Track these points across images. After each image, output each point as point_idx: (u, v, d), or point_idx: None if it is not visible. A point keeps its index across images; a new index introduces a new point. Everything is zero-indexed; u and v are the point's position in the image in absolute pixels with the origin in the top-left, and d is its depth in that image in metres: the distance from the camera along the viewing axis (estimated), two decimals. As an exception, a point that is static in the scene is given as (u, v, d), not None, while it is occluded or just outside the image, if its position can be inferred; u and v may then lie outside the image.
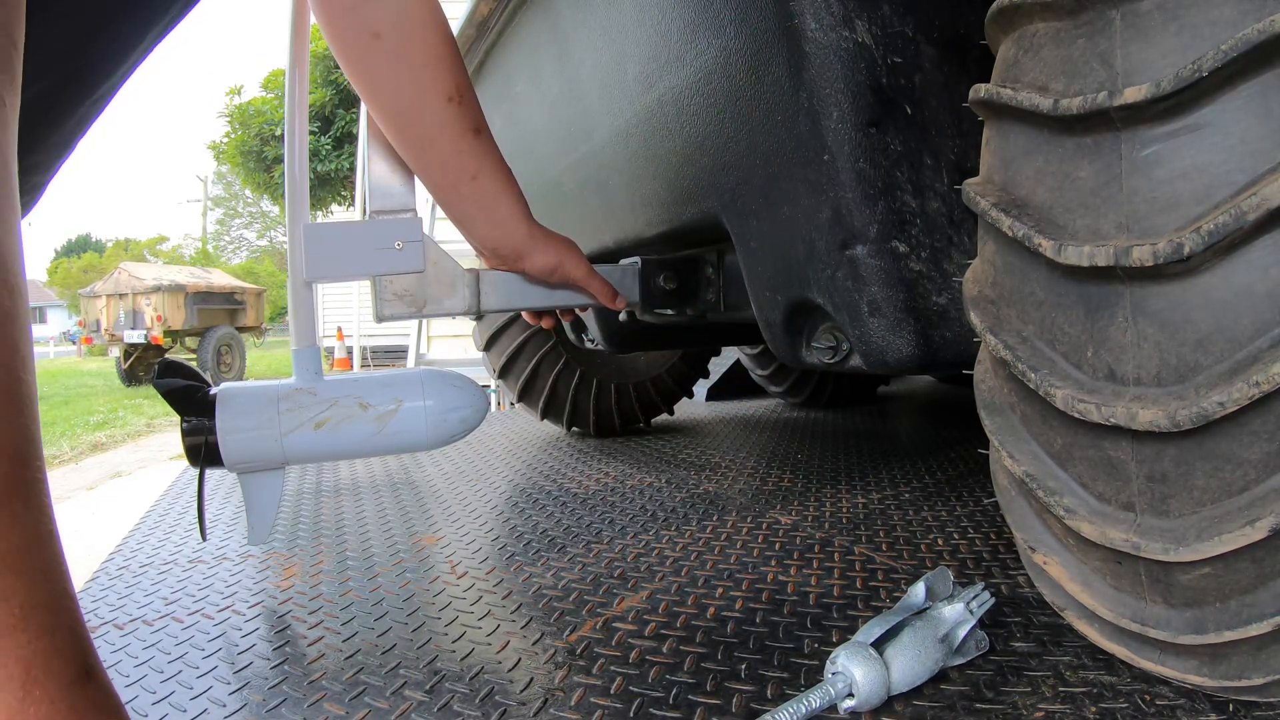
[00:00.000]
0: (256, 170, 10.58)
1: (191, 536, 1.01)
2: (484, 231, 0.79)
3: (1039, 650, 0.61)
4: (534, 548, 0.93)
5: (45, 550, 0.34)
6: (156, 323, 8.43)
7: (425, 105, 0.71)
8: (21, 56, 0.36)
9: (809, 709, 0.50)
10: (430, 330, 5.32)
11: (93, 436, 5.58)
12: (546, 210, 1.27)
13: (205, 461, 0.73)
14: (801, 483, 1.22)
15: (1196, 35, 0.39)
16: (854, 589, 0.76)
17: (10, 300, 0.33)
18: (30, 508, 0.33)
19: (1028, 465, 0.51)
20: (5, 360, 0.33)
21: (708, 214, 0.86)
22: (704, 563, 0.85)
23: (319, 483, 1.32)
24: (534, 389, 1.66)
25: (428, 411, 0.80)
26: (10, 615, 0.32)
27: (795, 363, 0.82)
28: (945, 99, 0.65)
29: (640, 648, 0.64)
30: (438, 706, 0.56)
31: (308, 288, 0.79)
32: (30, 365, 0.35)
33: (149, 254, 27.52)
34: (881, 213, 0.64)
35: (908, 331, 0.67)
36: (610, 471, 1.35)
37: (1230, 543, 0.41)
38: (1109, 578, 0.51)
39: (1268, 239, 0.39)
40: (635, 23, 0.84)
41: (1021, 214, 0.47)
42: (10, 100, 0.35)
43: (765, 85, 0.69)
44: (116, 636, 0.71)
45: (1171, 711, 0.51)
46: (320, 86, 9.26)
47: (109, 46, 0.55)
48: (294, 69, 0.80)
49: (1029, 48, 0.47)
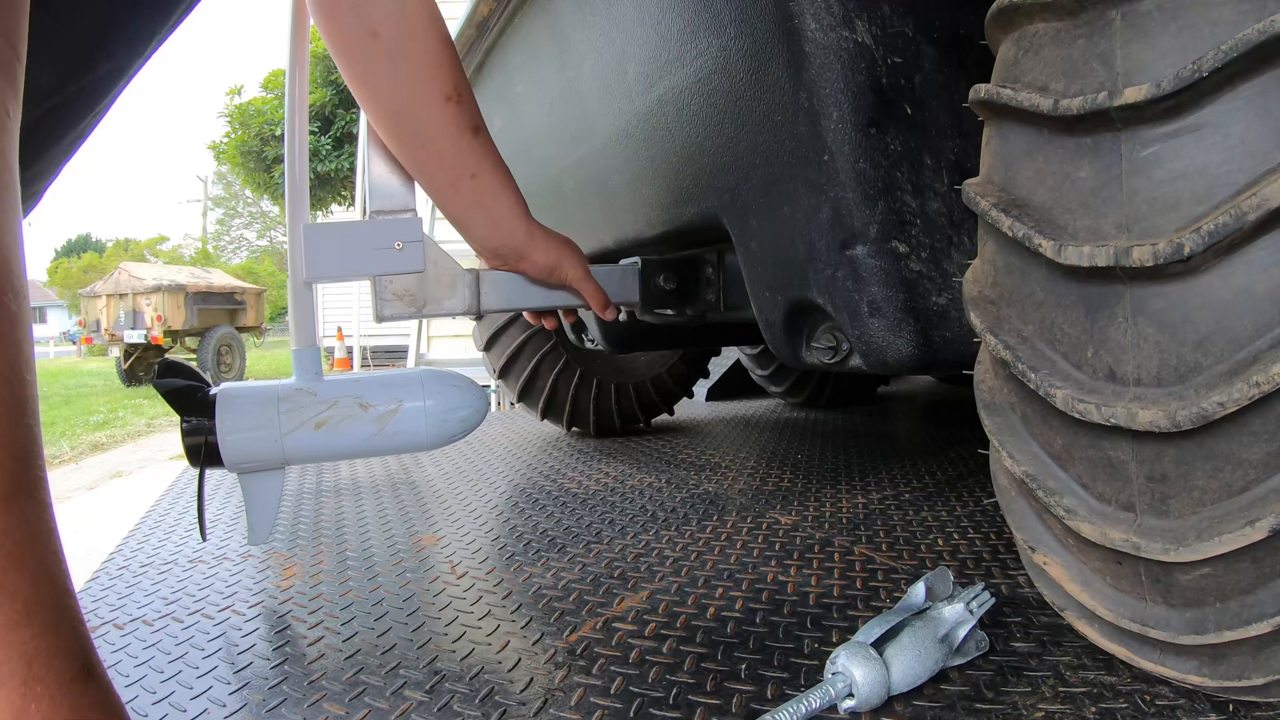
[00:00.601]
0: (256, 170, 10.58)
1: (191, 536, 1.01)
2: (483, 231, 0.79)
3: (1039, 650, 0.61)
4: (534, 548, 0.93)
5: (47, 548, 0.34)
6: (156, 323, 8.43)
7: (423, 104, 0.71)
8: (24, 66, 0.37)
9: (809, 709, 0.50)
10: (430, 330, 5.32)
11: (93, 436, 5.58)
12: (546, 210, 1.27)
13: (205, 462, 0.73)
14: (801, 483, 1.22)
15: (1196, 35, 0.39)
16: (854, 589, 0.76)
17: (13, 302, 0.34)
18: (33, 506, 0.34)
19: (1028, 465, 0.51)
20: (9, 361, 0.33)
21: (708, 214, 0.86)
22: (704, 563, 0.85)
23: (319, 483, 1.32)
24: (534, 389, 1.66)
25: (428, 412, 0.80)
26: (14, 611, 0.32)
27: (795, 363, 0.82)
28: (945, 99, 0.65)
29: (640, 648, 0.64)
30: (438, 706, 0.56)
31: (308, 288, 0.79)
32: (32, 366, 0.35)
33: (149, 254, 27.51)
34: (881, 213, 0.64)
35: (908, 332, 0.67)
36: (610, 471, 1.35)
37: (1230, 543, 0.41)
38: (1109, 578, 0.51)
39: (1268, 239, 0.39)
40: (635, 23, 0.84)
41: (1021, 214, 0.47)
42: (13, 109, 0.36)
43: (765, 85, 0.69)
44: (116, 636, 0.71)
45: (1171, 711, 0.51)
46: (320, 86, 9.26)
47: (109, 56, 0.55)
48: (294, 69, 0.80)
49: (1029, 48, 0.47)
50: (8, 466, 0.33)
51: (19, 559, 0.32)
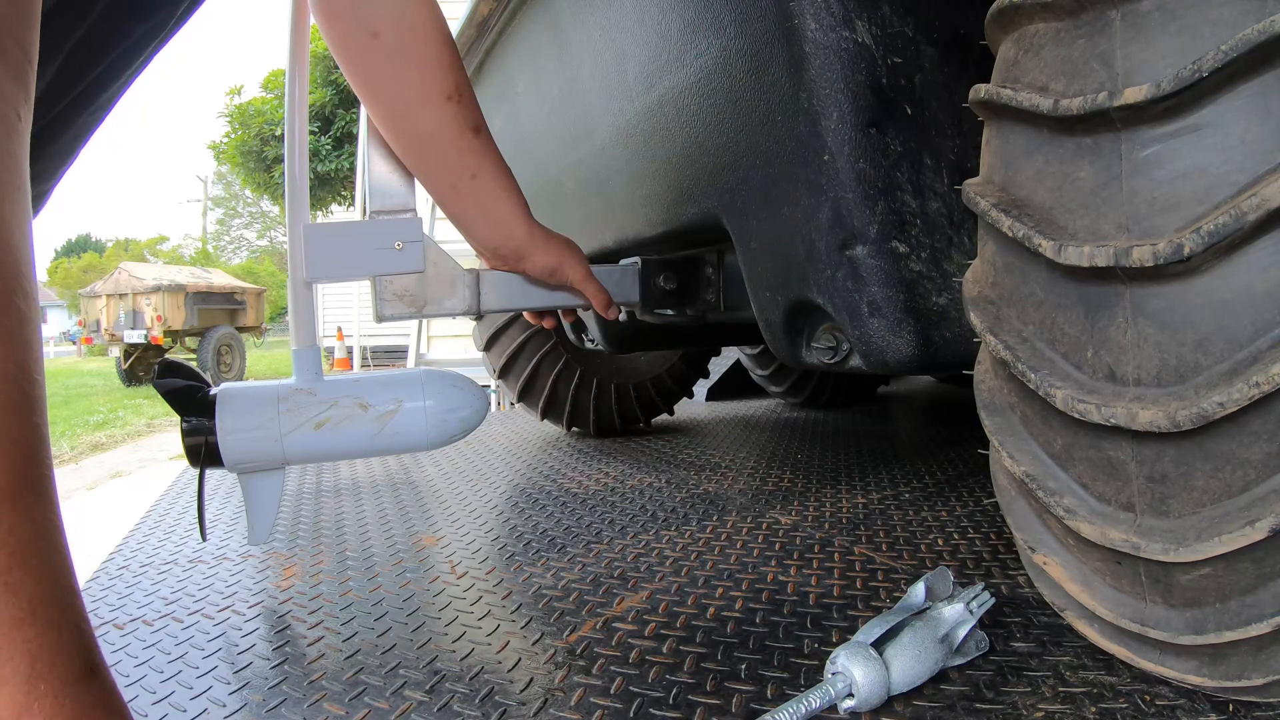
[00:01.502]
0: (256, 170, 10.59)
1: (191, 536, 1.01)
2: (483, 231, 0.79)
3: (1039, 650, 0.61)
4: (534, 548, 0.93)
5: (53, 547, 0.34)
6: (156, 323, 8.43)
7: (424, 104, 0.71)
8: (36, 72, 0.37)
9: (809, 709, 0.50)
10: (430, 330, 5.32)
11: (93, 436, 5.58)
12: (547, 210, 1.27)
13: (205, 462, 0.73)
14: (801, 483, 1.22)
15: (1196, 35, 0.39)
16: (854, 589, 0.76)
17: (24, 304, 0.34)
18: (40, 504, 0.34)
19: (1028, 465, 0.51)
20: (18, 360, 0.33)
21: (708, 214, 0.86)
22: (704, 563, 0.85)
23: (319, 483, 1.32)
24: (534, 389, 1.66)
25: (428, 412, 0.80)
26: (19, 609, 0.32)
27: (795, 363, 0.82)
28: (945, 99, 0.65)
29: (640, 648, 0.64)
30: (438, 706, 0.56)
31: (308, 288, 0.79)
32: (41, 365, 0.36)
33: (149, 254, 27.52)
34: (881, 213, 0.64)
35: (908, 332, 0.67)
36: (610, 471, 1.35)
37: (1230, 543, 0.41)
38: (1109, 578, 0.51)
39: (1268, 239, 0.39)
40: (635, 23, 0.84)
41: (1021, 214, 0.47)
42: (24, 113, 0.36)
43: (765, 85, 0.69)
44: (116, 636, 0.71)
45: (1171, 711, 0.51)
46: (320, 86, 9.26)
47: (109, 58, 0.55)
48: (294, 69, 0.80)
49: (1029, 48, 0.47)
50: (15, 465, 0.33)
51: (24, 557, 0.33)
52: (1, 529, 0.32)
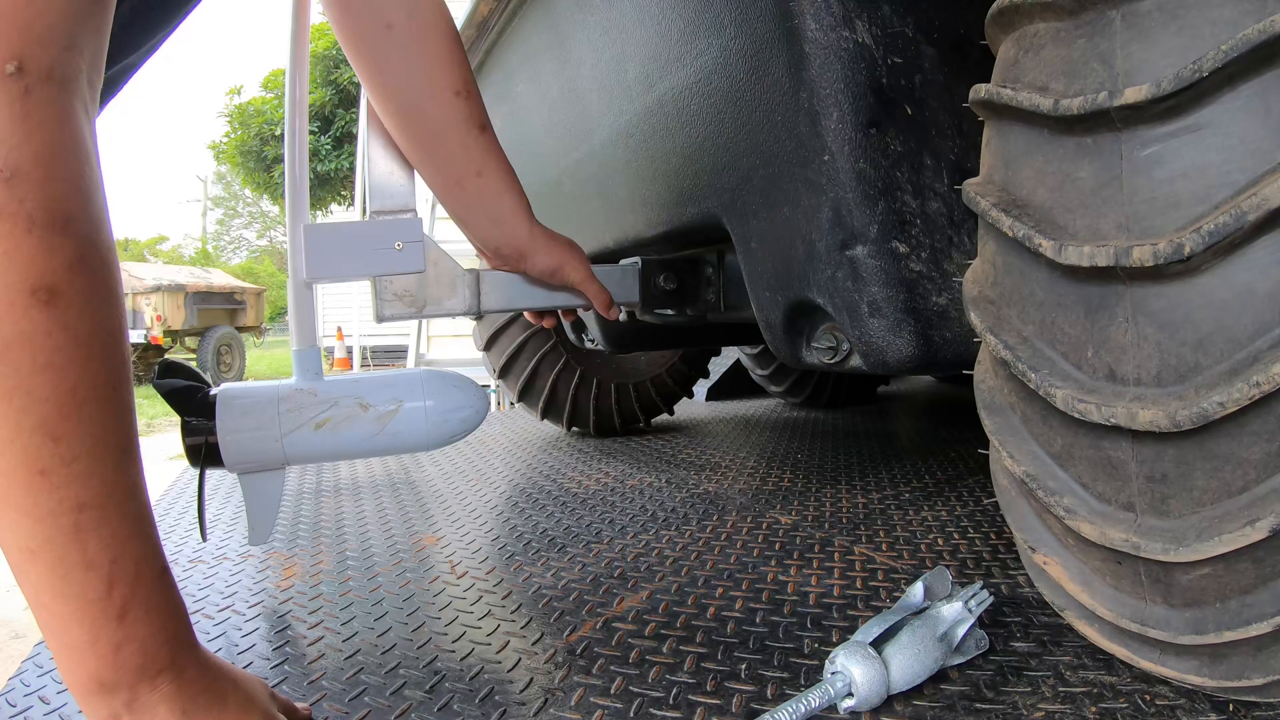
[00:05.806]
0: (256, 170, 10.58)
1: (191, 536, 1.01)
2: (486, 230, 0.79)
3: (1039, 650, 0.61)
4: (534, 548, 0.93)
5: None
6: (156, 323, 8.42)
7: (433, 98, 0.71)
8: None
9: (809, 709, 0.50)
10: (430, 330, 5.32)
11: (93, 436, 5.56)
12: (547, 210, 1.27)
13: (205, 462, 0.73)
14: (801, 483, 1.22)
15: (1196, 35, 0.39)
16: (854, 589, 0.76)
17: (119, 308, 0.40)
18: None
19: (1028, 465, 0.51)
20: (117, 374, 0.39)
21: (708, 214, 0.86)
22: (704, 563, 0.85)
23: (319, 483, 1.32)
24: (534, 389, 1.66)
25: (428, 412, 0.80)
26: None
27: (795, 363, 0.82)
28: (945, 99, 0.65)
29: (640, 648, 0.64)
30: (438, 706, 0.56)
31: (308, 288, 0.79)
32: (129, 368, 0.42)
33: (149, 254, 27.48)
34: (881, 213, 0.64)
35: (908, 332, 0.67)
36: (610, 471, 1.35)
37: (1230, 543, 0.41)
38: (1109, 578, 0.51)
39: (1268, 239, 0.39)
40: (635, 23, 0.84)
41: (1022, 214, 0.47)
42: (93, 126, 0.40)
43: (765, 85, 0.69)
44: (116, 636, 0.71)
45: (1171, 711, 0.51)
46: (320, 86, 9.26)
47: (113, 51, 0.55)
48: (294, 69, 0.80)
49: (1029, 48, 0.47)
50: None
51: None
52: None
